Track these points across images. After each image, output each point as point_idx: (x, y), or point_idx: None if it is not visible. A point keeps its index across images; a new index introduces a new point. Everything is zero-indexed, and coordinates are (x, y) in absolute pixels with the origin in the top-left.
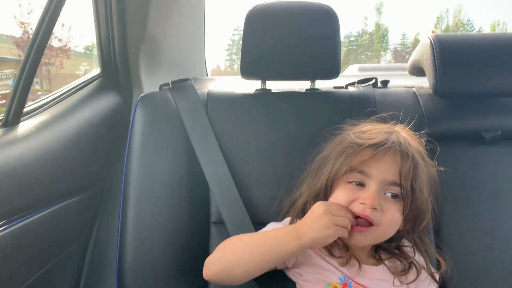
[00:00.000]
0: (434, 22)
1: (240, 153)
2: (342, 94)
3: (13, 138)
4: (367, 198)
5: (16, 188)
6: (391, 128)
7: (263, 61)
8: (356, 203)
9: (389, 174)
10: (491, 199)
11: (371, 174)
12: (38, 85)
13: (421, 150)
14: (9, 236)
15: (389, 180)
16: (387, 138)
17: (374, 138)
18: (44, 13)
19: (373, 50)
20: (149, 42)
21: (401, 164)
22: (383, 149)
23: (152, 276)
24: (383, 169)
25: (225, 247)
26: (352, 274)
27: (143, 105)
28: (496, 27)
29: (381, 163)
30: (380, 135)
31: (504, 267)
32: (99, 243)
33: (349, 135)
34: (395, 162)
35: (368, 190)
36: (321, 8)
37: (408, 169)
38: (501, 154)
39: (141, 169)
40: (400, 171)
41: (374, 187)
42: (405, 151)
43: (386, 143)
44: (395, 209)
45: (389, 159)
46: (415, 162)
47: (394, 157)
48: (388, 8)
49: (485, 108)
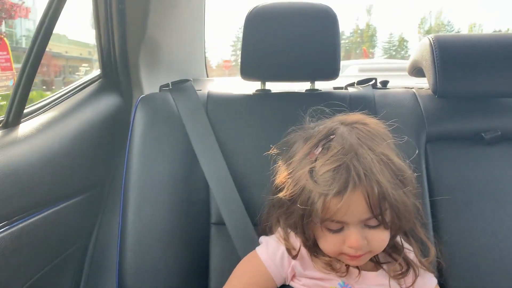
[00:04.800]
0: (418, 23)
1: (240, 153)
2: (341, 95)
3: (14, 139)
4: (353, 243)
5: (16, 189)
6: (343, 154)
7: (262, 62)
8: (345, 247)
9: (362, 213)
10: (491, 199)
11: (347, 221)
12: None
13: (383, 160)
14: (9, 237)
15: (364, 218)
16: (347, 179)
17: (334, 182)
18: (45, 13)
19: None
20: (149, 43)
21: (369, 199)
22: (348, 191)
23: (152, 277)
24: (355, 212)
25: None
26: (351, 281)
27: (144, 106)
28: (473, 28)
29: (351, 208)
30: (338, 175)
31: (504, 267)
32: (99, 244)
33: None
34: (362, 198)
35: (350, 234)
36: (321, 9)
37: (377, 199)
38: (500, 155)
39: (142, 170)
40: (369, 205)
41: (354, 229)
42: (369, 183)
43: (347, 186)
44: (379, 233)
45: (356, 199)
46: (380, 186)
47: (360, 194)
48: (377, 9)
49: (484, 108)
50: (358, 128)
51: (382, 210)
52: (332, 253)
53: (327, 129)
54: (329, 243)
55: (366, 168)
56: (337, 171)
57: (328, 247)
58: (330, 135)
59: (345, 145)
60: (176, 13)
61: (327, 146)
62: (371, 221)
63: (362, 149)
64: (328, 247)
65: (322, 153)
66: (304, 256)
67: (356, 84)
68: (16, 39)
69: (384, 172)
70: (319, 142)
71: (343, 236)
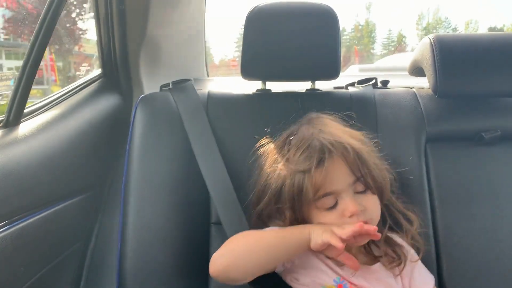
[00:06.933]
0: (416, 19)
1: (239, 153)
2: (342, 95)
3: (14, 139)
4: (351, 208)
5: (16, 188)
6: (309, 136)
7: (263, 62)
8: (346, 220)
9: (347, 176)
10: (491, 199)
11: (337, 189)
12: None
13: (344, 131)
14: (9, 237)
15: (351, 181)
16: (321, 148)
17: (311, 157)
18: (45, 13)
19: (363, 44)
20: (149, 42)
21: (346, 161)
22: (323, 161)
23: (152, 277)
24: (340, 177)
25: (231, 243)
26: (348, 274)
27: (144, 106)
28: (469, 24)
29: (335, 174)
30: (312, 150)
31: (504, 267)
32: (99, 244)
33: (284, 165)
34: (340, 162)
35: (345, 203)
36: (321, 9)
37: (353, 158)
38: (501, 154)
39: (142, 170)
40: (350, 167)
41: (347, 196)
42: (339, 149)
43: (324, 154)
44: (370, 198)
45: (335, 165)
46: (352, 146)
47: (338, 160)
48: (376, 6)
49: (485, 108)
50: (316, 121)
51: (363, 173)
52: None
53: (290, 131)
54: (329, 219)
55: (334, 136)
56: (309, 147)
57: (331, 222)
58: (292, 132)
59: (308, 131)
60: (177, 13)
61: (293, 139)
62: (358, 185)
63: (325, 127)
64: (332, 222)
65: (289, 145)
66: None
67: (356, 84)
68: None
69: (350, 138)
70: (285, 141)
71: (340, 210)
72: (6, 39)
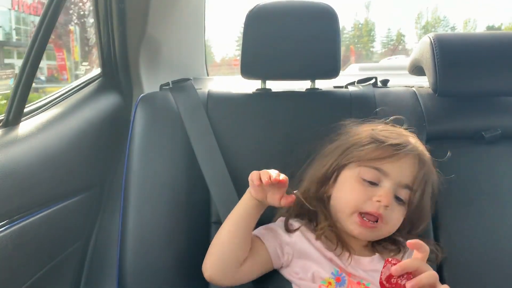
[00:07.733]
0: (415, 18)
1: (239, 152)
2: (342, 94)
3: (14, 138)
4: (384, 196)
5: (16, 188)
6: (408, 133)
7: (263, 61)
8: (369, 202)
9: (405, 177)
10: (491, 198)
11: (389, 173)
12: None
13: (431, 160)
14: (9, 236)
15: (403, 183)
16: (408, 141)
17: (396, 138)
18: (45, 12)
19: (362, 42)
20: (149, 41)
21: (418, 169)
22: (405, 151)
23: (152, 276)
24: (401, 170)
25: (210, 247)
26: (346, 265)
27: (144, 105)
28: (468, 23)
29: (400, 164)
30: (401, 137)
31: (504, 267)
32: (99, 243)
33: (367, 130)
34: (412, 166)
35: (383, 188)
36: (321, 8)
37: (422, 176)
38: (501, 154)
39: (142, 169)
40: (415, 176)
41: (390, 186)
42: (423, 158)
43: (408, 146)
44: (398, 211)
45: (407, 162)
46: (429, 170)
47: (412, 161)
48: (376, 5)
49: (485, 107)
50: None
51: (418, 189)
52: (355, 198)
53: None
54: (357, 191)
55: (424, 152)
56: (402, 135)
57: (355, 193)
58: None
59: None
60: (176, 12)
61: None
62: (403, 191)
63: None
64: (356, 192)
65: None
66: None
67: (356, 83)
68: None
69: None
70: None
71: (372, 192)
72: (18, 39)
